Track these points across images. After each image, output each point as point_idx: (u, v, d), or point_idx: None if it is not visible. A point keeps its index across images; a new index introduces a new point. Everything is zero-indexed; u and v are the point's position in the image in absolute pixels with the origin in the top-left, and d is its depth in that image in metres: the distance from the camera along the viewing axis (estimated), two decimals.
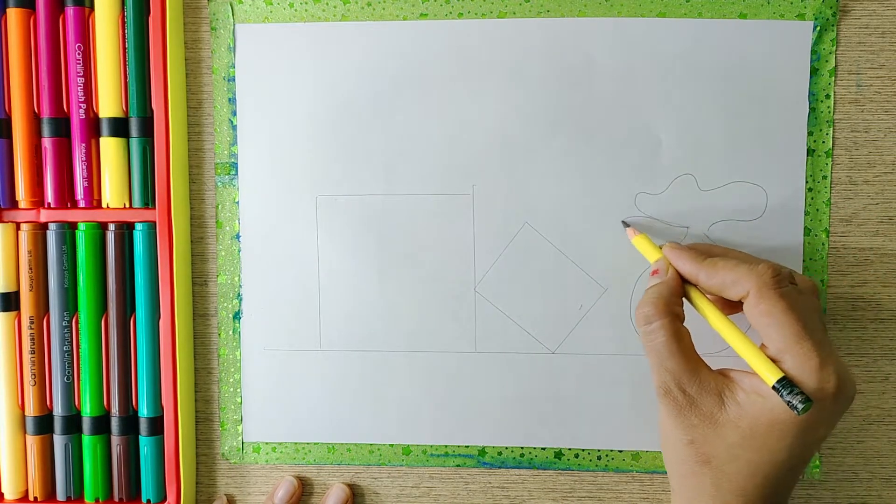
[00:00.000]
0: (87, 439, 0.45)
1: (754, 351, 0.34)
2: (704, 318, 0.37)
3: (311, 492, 0.46)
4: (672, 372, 0.35)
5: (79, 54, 0.43)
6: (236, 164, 0.44)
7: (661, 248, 0.39)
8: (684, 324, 0.37)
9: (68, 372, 0.44)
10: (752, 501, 0.35)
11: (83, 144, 0.43)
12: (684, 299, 0.38)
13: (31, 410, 0.45)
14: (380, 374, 0.44)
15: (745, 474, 0.35)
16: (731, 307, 0.38)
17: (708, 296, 0.38)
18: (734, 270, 0.35)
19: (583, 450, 0.44)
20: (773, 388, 0.33)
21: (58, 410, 0.45)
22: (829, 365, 0.33)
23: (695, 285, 0.38)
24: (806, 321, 0.34)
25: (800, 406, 0.32)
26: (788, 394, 0.32)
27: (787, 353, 0.33)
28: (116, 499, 0.45)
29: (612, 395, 0.43)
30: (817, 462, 0.43)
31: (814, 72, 0.42)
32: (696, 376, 0.35)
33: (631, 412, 0.43)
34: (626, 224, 0.42)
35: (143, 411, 0.44)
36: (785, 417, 0.33)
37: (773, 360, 0.34)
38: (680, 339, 0.36)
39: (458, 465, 0.45)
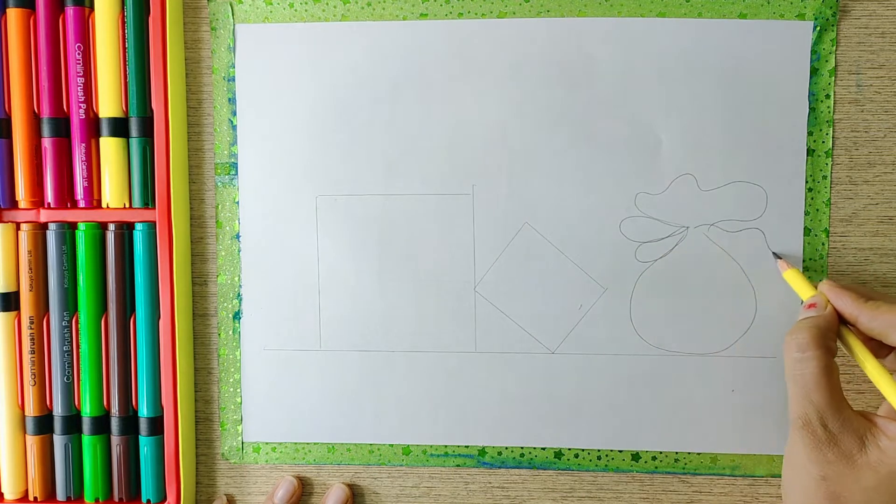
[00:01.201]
0: (87, 439, 0.45)
1: None
2: (857, 361, 0.37)
3: (311, 492, 0.46)
4: (817, 405, 0.35)
5: (79, 54, 0.43)
6: (236, 164, 0.44)
7: (815, 285, 0.39)
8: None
9: (68, 372, 0.44)
10: None
11: (83, 144, 0.43)
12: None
13: (31, 410, 0.45)
14: (380, 374, 0.44)
15: None
16: (878, 350, 0.38)
17: (860, 337, 0.37)
18: None
19: (582, 450, 0.44)
20: None
21: (58, 410, 0.45)
22: None
23: (848, 327, 0.37)
24: None
25: None
26: None
27: None
28: (116, 499, 0.45)
29: (612, 395, 0.43)
30: None
31: (814, 72, 0.42)
32: (840, 414, 0.35)
33: (631, 412, 0.43)
34: (777, 256, 0.42)
35: (143, 411, 0.44)
36: None
37: None
38: (830, 373, 0.36)
39: (458, 465, 0.45)
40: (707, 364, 0.43)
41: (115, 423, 0.44)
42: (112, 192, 0.44)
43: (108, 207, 0.44)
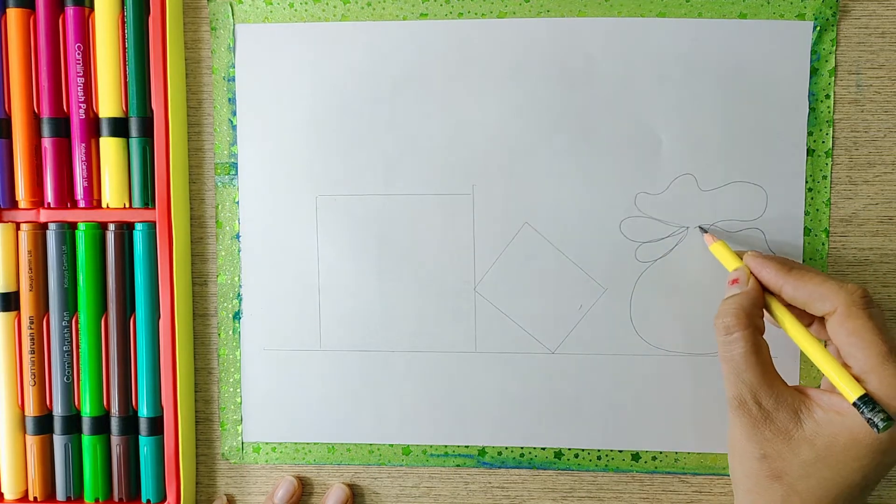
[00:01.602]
0: (86, 439, 0.45)
1: (837, 367, 0.34)
2: (785, 330, 0.37)
3: (311, 492, 0.46)
4: (749, 384, 0.35)
5: (79, 54, 0.43)
6: (236, 164, 0.44)
7: (741, 257, 0.39)
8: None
9: (68, 372, 0.44)
10: None
11: (83, 144, 0.43)
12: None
13: (31, 410, 0.45)
14: (380, 374, 0.44)
15: (816, 492, 0.35)
16: (800, 319, 0.38)
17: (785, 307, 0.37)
18: (823, 285, 0.35)
19: (583, 450, 0.44)
20: (855, 404, 0.33)
21: (57, 410, 0.45)
22: None
23: (775, 296, 0.37)
24: (891, 343, 0.34)
25: (881, 424, 0.32)
26: (870, 411, 0.32)
27: (871, 373, 0.33)
28: (116, 499, 0.45)
29: (612, 395, 0.43)
30: None
31: (814, 72, 0.42)
32: (773, 390, 0.35)
33: (631, 412, 0.43)
34: (703, 230, 0.41)
35: (143, 411, 0.44)
36: (863, 437, 0.33)
37: (856, 379, 0.34)
38: (759, 351, 0.36)
39: (458, 465, 0.45)
40: (707, 364, 0.43)
41: (115, 423, 0.44)
42: (112, 192, 0.44)
43: (108, 207, 0.44)
